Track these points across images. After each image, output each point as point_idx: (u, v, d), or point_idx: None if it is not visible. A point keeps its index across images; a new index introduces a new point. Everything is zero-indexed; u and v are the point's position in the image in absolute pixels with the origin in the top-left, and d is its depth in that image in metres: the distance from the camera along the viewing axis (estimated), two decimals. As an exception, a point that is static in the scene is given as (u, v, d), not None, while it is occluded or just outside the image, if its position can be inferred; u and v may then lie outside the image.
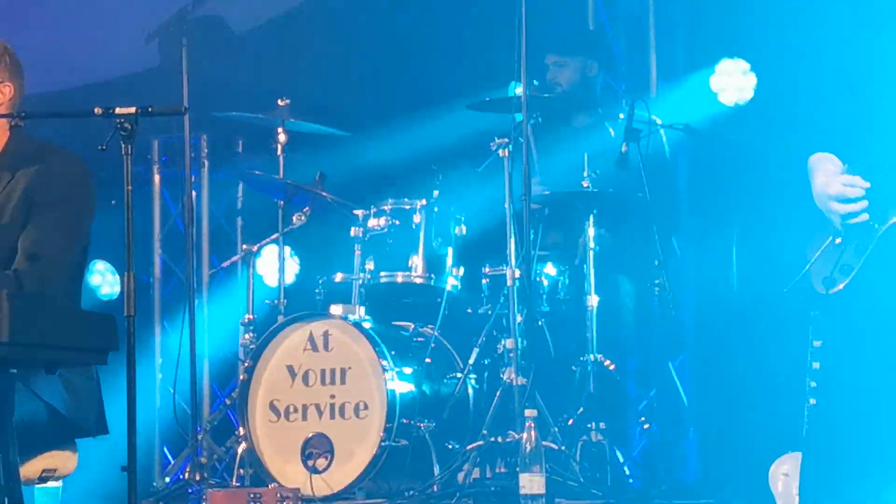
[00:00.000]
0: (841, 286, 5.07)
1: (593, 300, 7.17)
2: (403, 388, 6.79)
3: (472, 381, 7.02)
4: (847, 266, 5.06)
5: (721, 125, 7.97)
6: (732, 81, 8.22)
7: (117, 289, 9.42)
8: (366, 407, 6.78)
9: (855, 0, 6.28)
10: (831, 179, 5.14)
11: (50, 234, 5.20)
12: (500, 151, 7.00)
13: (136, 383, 4.95)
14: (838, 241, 5.10)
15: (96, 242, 5.41)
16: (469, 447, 6.77)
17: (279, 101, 7.54)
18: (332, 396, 6.85)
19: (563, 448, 6.80)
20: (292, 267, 8.44)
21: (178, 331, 7.64)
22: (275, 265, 7.58)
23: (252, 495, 6.54)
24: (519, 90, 6.94)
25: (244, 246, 7.78)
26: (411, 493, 6.66)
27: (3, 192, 5.29)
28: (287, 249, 7.67)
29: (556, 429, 6.86)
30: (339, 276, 7.25)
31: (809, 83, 5.62)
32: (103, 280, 9.52)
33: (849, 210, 5.07)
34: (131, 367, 4.93)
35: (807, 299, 5.20)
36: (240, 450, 6.99)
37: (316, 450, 6.81)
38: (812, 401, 5.87)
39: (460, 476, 6.63)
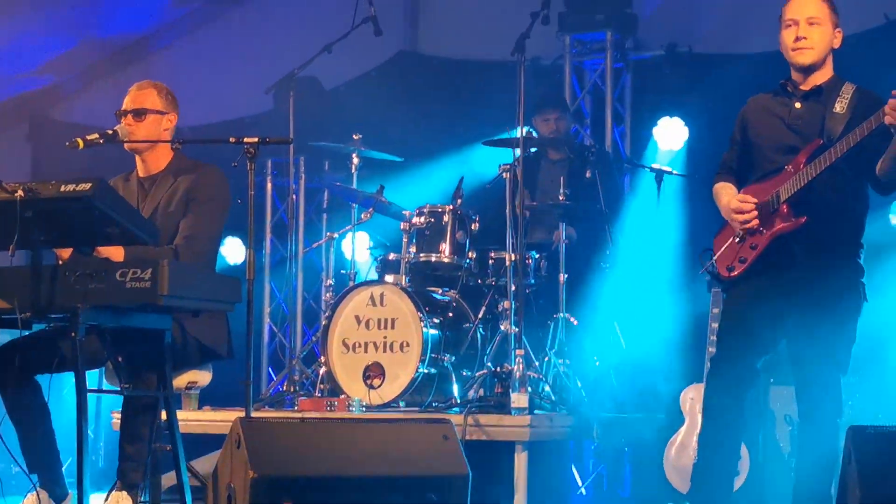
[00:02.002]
0: (737, 272, 4.99)
1: (563, 277, 7.09)
2: (433, 332, 6.71)
3: (480, 330, 6.94)
4: (743, 258, 4.98)
5: (660, 161, 7.87)
6: (668, 132, 8.15)
7: (241, 258, 9.37)
8: (408, 345, 6.70)
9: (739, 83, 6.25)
10: (731, 199, 5.05)
11: (200, 222, 5.18)
12: (504, 174, 6.90)
13: (252, 324, 4.92)
14: (737, 239, 5.02)
15: (226, 226, 5.37)
16: (477, 374, 6.71)
17: (354, 136, 7.48)
18: (385, 337, 6.77)
19: (540, 376, 6.73)
20: (363, 248, 8.34)
21: (283, 289, 7.57)
22: (349, 247, 7.50)
23: (329, 402, 6.51)
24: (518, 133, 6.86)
25: (328, 234, 7.72)
26: (437, 404, 6.60)
27: (169, 190, 5.27)
28: (360, 234, 7.59)
29: (537, 363, 6.79)
30: (391, 256, 7.17)
31: (721, 131, 5.52)
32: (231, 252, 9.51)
33: (743, 219, 4.98)
34: (250, 312, 4.90)
35: (713, 279, 5.13)
36: (321, 371, 6.93)
37: (373, 373, 6.74)
38: (711, 349, 5.79)
39: (470, 393, 6.56)
